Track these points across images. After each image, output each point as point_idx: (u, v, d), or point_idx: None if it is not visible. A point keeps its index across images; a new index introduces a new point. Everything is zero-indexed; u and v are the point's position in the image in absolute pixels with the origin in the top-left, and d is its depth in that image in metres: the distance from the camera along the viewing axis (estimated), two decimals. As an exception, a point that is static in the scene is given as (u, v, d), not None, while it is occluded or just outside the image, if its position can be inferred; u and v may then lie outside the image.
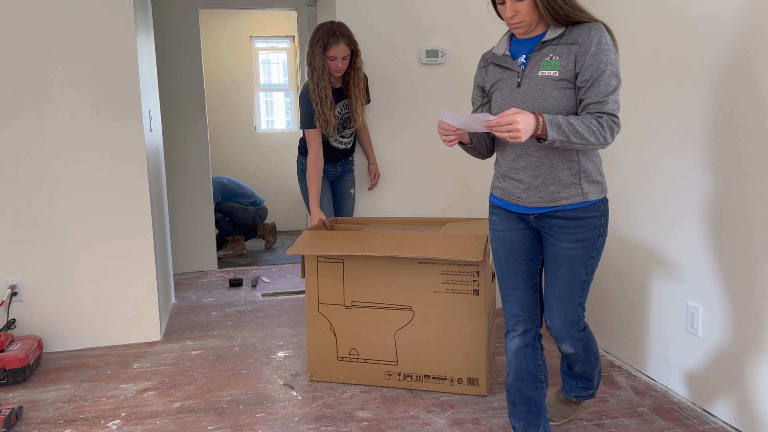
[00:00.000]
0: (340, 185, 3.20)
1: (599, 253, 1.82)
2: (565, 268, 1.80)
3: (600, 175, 1.79)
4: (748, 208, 2.06)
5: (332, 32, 2.83)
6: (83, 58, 3.01)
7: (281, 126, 6.91)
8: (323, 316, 2.58)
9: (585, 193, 1.76)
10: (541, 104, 1.71)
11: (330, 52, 2.83)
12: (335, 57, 2.84)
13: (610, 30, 1.72)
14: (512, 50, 1.83)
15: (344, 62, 2.87)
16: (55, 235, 3.05)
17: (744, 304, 2.10)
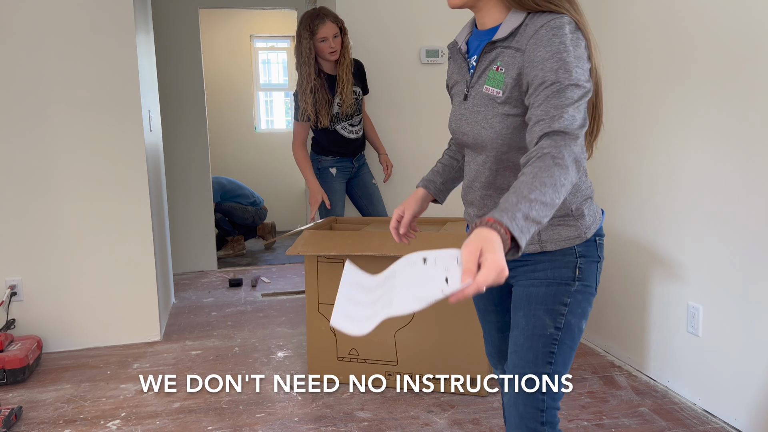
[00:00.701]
0: (360, 180, 3.16)
1: (579, 306, 1.29)
2: (523, 312, 1.30)
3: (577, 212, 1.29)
4: (749, 207, 2.05)
5: (316, 14, 2.84)
6: (83, 57, 3.01)
7: (281, 126, 6.90)
8: (323, 316, 2.58)
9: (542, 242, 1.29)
10: (480, 133, 1.28)
11: (319, 33, 2.82)
12: (325, 37, 2.82)
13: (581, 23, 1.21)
14: (470, 42, 1.35)
15: (336, 41, 2.85)
16: (55, 235, 3.05)
17: (744, 304, 2.10)
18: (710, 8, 2.17)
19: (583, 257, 1.31)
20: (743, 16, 2.04)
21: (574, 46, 1.17)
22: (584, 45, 1.20)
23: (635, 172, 2.62)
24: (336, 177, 3.08)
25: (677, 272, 2.41)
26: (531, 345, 1.29)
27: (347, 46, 2.93)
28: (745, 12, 2.03)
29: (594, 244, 1.32)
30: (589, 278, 1.32)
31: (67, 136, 3.03)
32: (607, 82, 2.49)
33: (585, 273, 1.31)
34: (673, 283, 2.44)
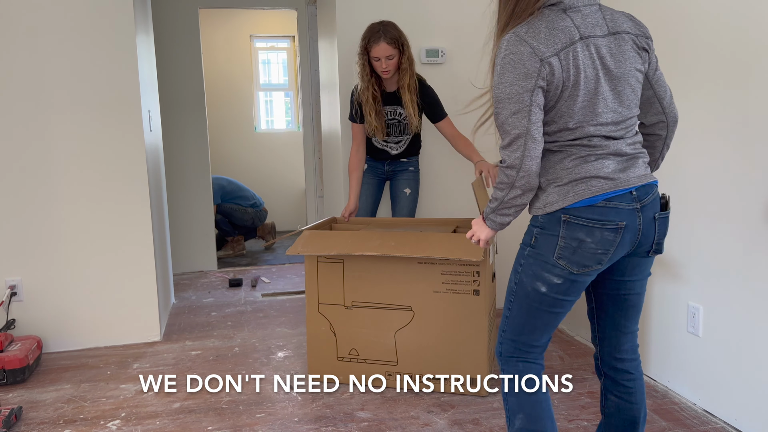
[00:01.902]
0: (394, 184, 3.16)
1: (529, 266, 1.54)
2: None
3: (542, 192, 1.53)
4: (749, 208, 2.05)
5: (375, 30, 2.79)
6: (83, 58, 3.01)
7: (281, 126, 6.91)
8: (323, 316, 2.58)
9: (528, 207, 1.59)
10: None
11: (372, 52, 2.79)
12: (378, 57, 2.78)
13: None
14: None
15: (389, 62, 2.79)
16: (54, 235, 3.05)
17: (744, 304, 2.10)
18: (708, 7, 2.17)
19: (540, 228, 1.53)
20: (745, 15, 2.04)
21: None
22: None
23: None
24: (367, 171, 3.14)
25: (677, 272, 2.41)
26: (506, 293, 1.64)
27: (405, 69, 2.84)
28: (746, 12, 2.03)
29: (558, 220, 1.49)
30: (542, 248, 1.52)
31: (67, 136, 3.03)
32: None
33: (539, 243, 1.53)
34: (673, 283, 2.44)
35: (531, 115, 1.45)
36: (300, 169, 6.53)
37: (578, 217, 1.48)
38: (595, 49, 1.45)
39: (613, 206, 1.47)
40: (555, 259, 1.51)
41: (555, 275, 1.52)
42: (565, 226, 1.49)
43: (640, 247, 1.54)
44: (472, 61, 3.42)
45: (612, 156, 1.49)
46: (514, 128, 1.46)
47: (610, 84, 1.48)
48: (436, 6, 3.40)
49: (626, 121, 1.52)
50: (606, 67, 1.46)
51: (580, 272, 1.51)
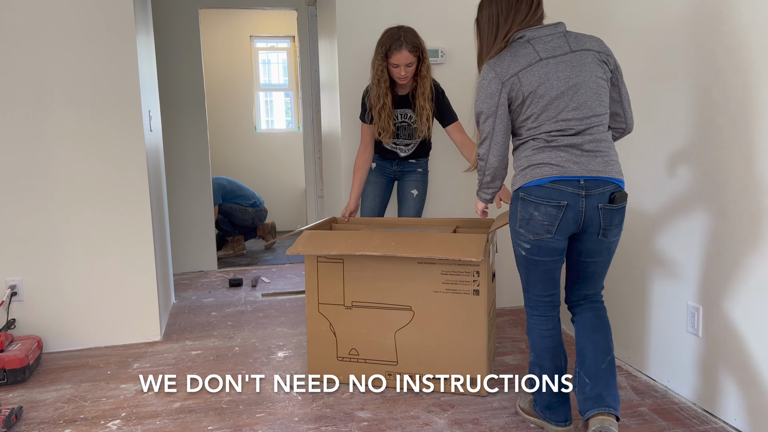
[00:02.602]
0: (402, 185, 3.15)
1: (512, 235, 2.04)
2: None
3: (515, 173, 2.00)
4: (749, 207, 2.06)
5: (396, 37, 2.74)
6: (83, 58, 3.01)
7: (281, 126, 6.91)
8: (323, 316, 2.58)
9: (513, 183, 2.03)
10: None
11: (392, 59, 2.75)
12: (397, 64, 2.75)
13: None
14: None
15: (408, 70, 2.77)
16: (55, 235, 3.05)
17: (744, 304, 2.10)
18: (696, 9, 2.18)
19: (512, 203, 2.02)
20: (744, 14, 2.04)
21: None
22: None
23: (635, 172, 2.61)
24: (375, 171, 3.13)
25: (677, 272, 2.41)
26: None
27: (424, 75, 2.83)
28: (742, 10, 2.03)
29: (517, 197, 1.98)
30: (513, 220, 2.02)
31: (67, 136, 3.03)
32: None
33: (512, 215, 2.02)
34: (673, 283, 2.44)
35: (495, 124, 1.94)
36: (300, 169, 6.54)
37: (530, 195, 1.93)
38: (555, 64, 1.88)
39: (558, 188, 1.89)
40: (518, 228, 1.98)
41: (523, 241, 1.99)
42: (520, 202, 1.96)
43: (588, 229, 1.94)
44: (472, 61, 3.42)
45: (566, 148, 1.89)
46: (483, 131, 1.98)
47: (571, 90, 1.88)
48: (436, 6, 3.40)
49: (588, 119, 1.90)
50: (567, 77, 1.88)
51: (536, 239, 1.95)
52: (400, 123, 2.97)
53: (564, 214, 1.89)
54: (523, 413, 2.27)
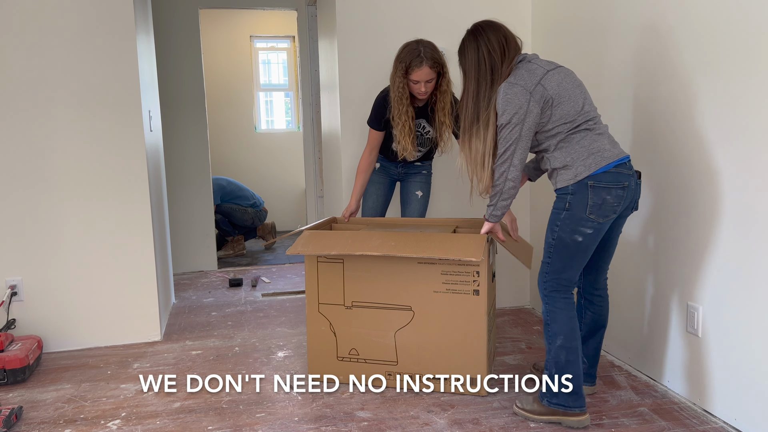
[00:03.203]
0: (406, 186, 3.12)
1: (566, 225, 2.15)
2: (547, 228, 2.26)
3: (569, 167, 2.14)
4: (749, 207, 2.06)
5: (416, 53, 2.66)
6: (83, 58, 3.01)
7: (281, 126, 6.91)
8: (323, 316, 2.58)
9: (556, 182, 2.20)
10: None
11: (412, 75, 2.68)
12: (418, 80, 2.69)
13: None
14: None
15: (428, 86, 2.72)
16: (55, 235, 3.05)
17: (744, 304, 2.10)
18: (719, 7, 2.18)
19: (572, 194, 2.13)
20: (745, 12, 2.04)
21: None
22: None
23: (635, 172, 2.62)
24: (378, 171, 3.09)
25: (677, 272, 2.41)
26: (544, 246, 2.25)
27: (446, 90, 2.77)
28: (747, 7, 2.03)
29: (585, 186, 2.11)
30: (576, 209, 2.13)
31: (68, 136, 3.03)
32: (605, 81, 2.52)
33: (573, 205, 2.14)
34: (673, 283, 2.44)
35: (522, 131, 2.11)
36: (300, 169, 6.54)
37: (600, 181, 2.11)
38: (557, 73, 2.16)
39: (620, 171, 2.12)
40: (588, 215, 2.12)
41: (588, 227, 2.14)
42: (591, 190, 2.11)
43: (630, 205, 2.21)
44: (472, 61, 3.42)
45: (604, 135, 2.16)
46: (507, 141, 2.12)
47: (578, 89, 2.17)
48: (436, 6, 3.40)
49: (599, 114, 2.21)
50: (571, 81, 2.16)
51: (604, 221, 2.14)
52: (416, 133, 2.91)
53: (626, 195, 2.13)
54: (534, 415, 2.24)
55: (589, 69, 2.93)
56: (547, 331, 2.24)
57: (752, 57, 2.01)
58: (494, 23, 2.23)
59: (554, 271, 2.21)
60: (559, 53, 3.20)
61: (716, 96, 2.17)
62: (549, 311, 2.22)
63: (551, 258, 2.21)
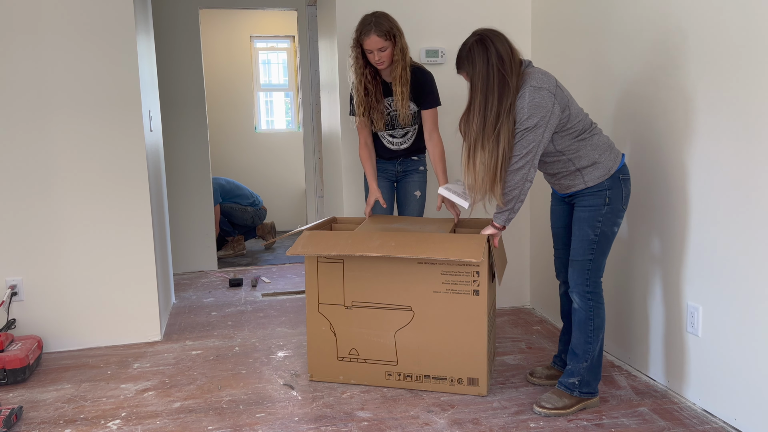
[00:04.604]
0: (403, 186, 3.07)
1: (608, 219, 2.25)
2: (578, 226, 2.30)
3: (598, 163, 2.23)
4: (749, 207, 2.06)
5: (366, 23, 2.73)
6: (83, 58, 3.01)
7: (281, 126, 6.91)
8: (323, 316, 2.58)
9: (585, 181, 2.26)
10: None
11: (364, 45, 2.74)
12: (370, 50, 2.73)
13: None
14: None
15: (382, 54, 2.73)
16: (55, 235, 3.05)
17: (744, 304, 2.10)
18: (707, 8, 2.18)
19: (609, 189, 2.24)
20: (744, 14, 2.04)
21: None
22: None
23: (637, 173, 2.62)
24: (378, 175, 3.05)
25: (677, 272, 2.41)
26: (582, 245, 2.29)
27: (398, 60, 2.75)
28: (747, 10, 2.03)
29: (618, 179, 2.25)
30: (615, 202, 2.25)
31: (68, 136, 3.03)
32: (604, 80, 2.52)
33: (612, 199, 2.25)
34: (673, 283, 2.44)
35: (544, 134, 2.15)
36: (300, 169, 6.54)
37: (625, 174, 2.28)
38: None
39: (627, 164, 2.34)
40: (623, 206, 2.27)
41: (621, 218, 2.28)
42: (622, 182, 2.26)
43: None
44: (472, 61, 3.43)
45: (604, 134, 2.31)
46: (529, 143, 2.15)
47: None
48: (436, 6, 3.40)
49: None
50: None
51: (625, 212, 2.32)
52: (392, 111, 2.90)
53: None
54: (567, 410, 2.29)
55: (589, 69, 2.93)
56: (589, 326, 2.31)
57: (753, 56, 2.01)
58: (499, 33, 2.21)
59: (597, 267, 2.29)
60: (559, 53, 3.20)
61: (716, 95, 2.17)
62: (592, 307, 2.30)
63: (594, 254, 2.27)
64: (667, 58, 2.41)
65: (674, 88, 2.38)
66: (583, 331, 2.32)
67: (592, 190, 2.25)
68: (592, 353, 2.31)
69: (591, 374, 2.32)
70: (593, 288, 2.30)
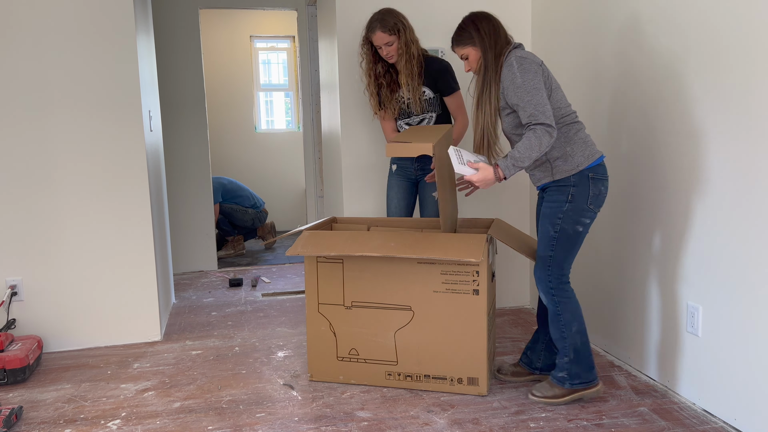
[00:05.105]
0: (422, 186, 3.06)
1: (569, 217, 2.23)
2: (541, 221, 2.32)
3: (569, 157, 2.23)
4: (748, 207, 2.06)
5: (372, 20, 2.85)
6: (83, 58, 3.01)
7: (281, 126, 6.91)
8: (323, 316, 2.58)
9: (553, 173, 2.27)
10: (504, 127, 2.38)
11: (373, 41, 2.86)
12: (378, 45, 2.86)
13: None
14: None
15: (389, 48, 2.85)
16: (55, 235, 3.05)
17: (744, 304, 2.10)
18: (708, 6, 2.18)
19: (574, 186, 2.23)
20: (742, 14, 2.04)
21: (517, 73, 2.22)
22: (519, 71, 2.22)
23: (635, 172, 2.62)
24: (394, 174, 3.09)
25: (677, 272, 2.41)
26: (542, 242, 2.31)
27: (403, 53, 2.85)
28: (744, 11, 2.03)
29: (586, 177, 2.22)
30: (578, 200, 2.23)
31: (68, 136, 3.03)
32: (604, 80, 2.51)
33: (575, 197, 2.23)
34: (673, 283, 2.44)
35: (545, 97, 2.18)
36: (300, 169, 6.54)
37: (597, 173, 2.24)
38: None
39: (605, 165, 2.29)
40: (588, 205, 2.23)
41: (588, 217, 2.25)
42: (591, 181, 2.23)
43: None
44: (472, 61, 3.43)
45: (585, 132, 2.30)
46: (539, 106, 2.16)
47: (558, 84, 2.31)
48: (436, 6, 3.40)
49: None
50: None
51: (598, 211, 2.27)
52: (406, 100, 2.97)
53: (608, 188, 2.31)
54: (556, 399, 2.34)
55: (588, 68, 2.93)
56: (558, 322, 2.31)
57: (750, 54, 2.01)
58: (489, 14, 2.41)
59: (557, 264, 2.29)
60: (559, 53, 3.20)
61: (716, 94, 2.17)
62: (558, 302, 2.30)
63: (554, 251, 2.27)
64: (668, 58, 2.41)
65: (674, 87, 2.38)
66: (556, 327, 2.33)
67: (558, 183, 2.26)
68: (571, 347, 2.31)
69: (578, 366, 2.32)
70: (556, 284, 2.30)
